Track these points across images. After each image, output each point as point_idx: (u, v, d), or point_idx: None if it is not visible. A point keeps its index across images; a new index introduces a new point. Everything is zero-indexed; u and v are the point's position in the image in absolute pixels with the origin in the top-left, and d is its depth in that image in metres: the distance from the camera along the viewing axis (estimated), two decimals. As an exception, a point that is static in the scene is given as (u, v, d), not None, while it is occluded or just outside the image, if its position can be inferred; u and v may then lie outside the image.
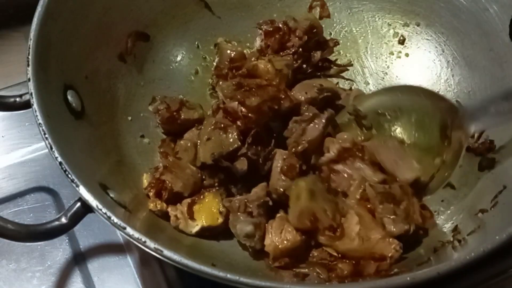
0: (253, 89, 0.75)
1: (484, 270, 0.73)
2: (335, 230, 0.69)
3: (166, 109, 0.80)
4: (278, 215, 0.72)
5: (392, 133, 0.78)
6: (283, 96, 0.75)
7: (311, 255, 0.71)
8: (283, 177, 0.73)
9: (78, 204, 0.65)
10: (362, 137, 0.79)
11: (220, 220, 0.73)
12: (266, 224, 0.71)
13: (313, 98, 0.78)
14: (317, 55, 0.84)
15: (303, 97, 0.78)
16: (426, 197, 0.76)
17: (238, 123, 0.73)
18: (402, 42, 0.87)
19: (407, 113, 0.78)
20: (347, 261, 0.69)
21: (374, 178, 0.73)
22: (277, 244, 0.69)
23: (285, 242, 0.69)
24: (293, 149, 0.74)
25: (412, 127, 0.78)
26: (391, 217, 0.69)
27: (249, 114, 0.73)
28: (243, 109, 0.73)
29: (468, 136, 0.75)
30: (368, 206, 0.71)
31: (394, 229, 0.69)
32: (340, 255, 0.70)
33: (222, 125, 0.74)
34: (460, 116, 0.74)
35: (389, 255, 0.67)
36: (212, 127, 0.74)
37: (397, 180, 0.73)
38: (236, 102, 0.73)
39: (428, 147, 0.77)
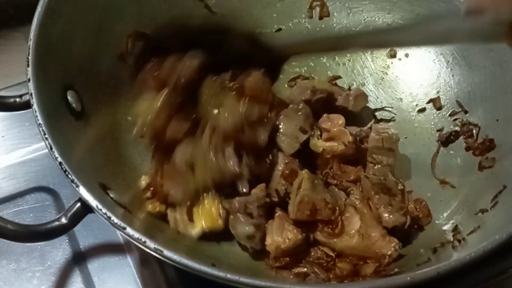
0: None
1: (484, 270, 0.73)
2: (334, 227, 0.69)
3: None
4: (276, 214, 0.72)
5: None
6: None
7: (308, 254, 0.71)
8: (283, 181, 0.73)
9: (78, 204, 0.65)
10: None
11: (220, 222, 0.72)
12: (266, 225, 0.71)
13: (307, 100, 0.79)
14: None
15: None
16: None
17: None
18: (393, 55, 0.87)
19: None
20: (347, 259, 0.69)
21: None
22: (279, 243, 0.69)
23: (287, 241, 0.68)
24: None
25: None
26: (387, 207, 0.69)
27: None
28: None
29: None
30: (370, 203, 0.71)
31: (391, 218, 0.69)
32: (336, 254, 0.70)
33: (217, 148, 0.72)
34: None
35: (388, 253, 0.67)
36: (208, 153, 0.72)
37: None
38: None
39: None
